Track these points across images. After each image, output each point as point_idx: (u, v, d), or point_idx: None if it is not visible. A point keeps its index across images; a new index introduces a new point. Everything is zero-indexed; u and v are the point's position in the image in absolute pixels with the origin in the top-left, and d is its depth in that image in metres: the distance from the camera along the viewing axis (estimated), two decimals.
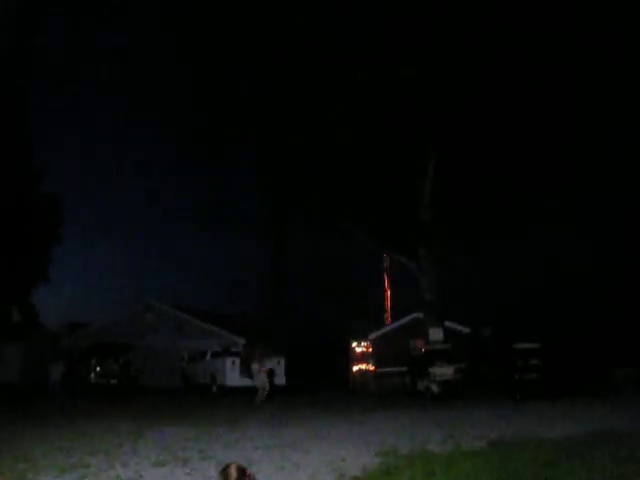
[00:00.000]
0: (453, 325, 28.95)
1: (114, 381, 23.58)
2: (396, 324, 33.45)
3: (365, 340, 34.58)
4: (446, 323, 24.68)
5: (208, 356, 24.75)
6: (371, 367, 32.97)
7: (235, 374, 22.52)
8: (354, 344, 35.00)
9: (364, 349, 34.62)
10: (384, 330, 33.79)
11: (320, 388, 25.89)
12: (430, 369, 20.21)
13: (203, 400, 20.51)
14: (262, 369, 20.40)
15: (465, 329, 31.77)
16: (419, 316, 26.05)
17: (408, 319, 31.96)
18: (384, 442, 10.09)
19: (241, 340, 31.16)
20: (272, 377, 20.74)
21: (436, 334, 23.05)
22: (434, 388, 19.78)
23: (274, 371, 21.16)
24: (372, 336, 33.89)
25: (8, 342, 30.48)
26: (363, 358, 34.37)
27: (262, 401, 19.26)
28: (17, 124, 34.75)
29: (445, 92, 20.69)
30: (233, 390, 22.13)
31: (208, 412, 16.61)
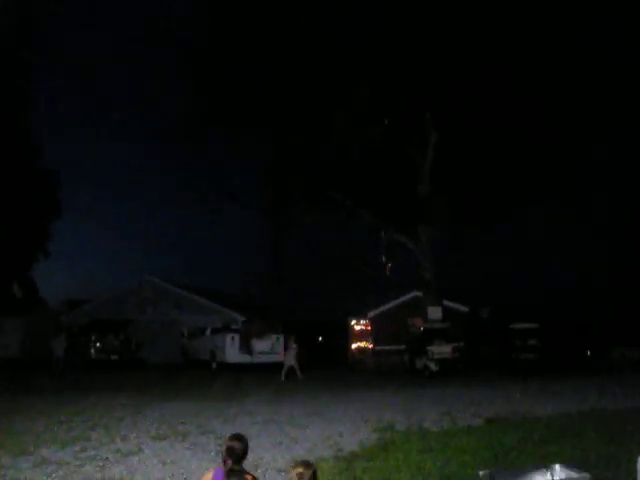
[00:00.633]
0: (452, 304, 29.06)
1: (114, 357, 23.74)
2: (395, 302, 33.47)
3: (364, 318, 34.71)
4: (445, 302, 24.76)
5: (208, 332, 24.89)
6: (370, 345, 33.13)
7: (235, 350, 22.67)
8: (353, 322, 35.13)
9: (363, 327, 34.77)
10: (383, 308, 33.82)
11: (319, 365, 26.09)
12: (428, 347, 20.33)
13: (202, 376, 20.67)
14: (291, 347, 20.22)
15: (464, 308, 31.90)
16: (418, 294, 26.12)
17: (407, 297, 32.03)
18: (381, 419, 10.20)
19: (240, 317, 31.33)
20: (298, 355, 20.53)
21: (435, 313, 23.14)
22: (432, 366, 19.91)
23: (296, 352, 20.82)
24: (371, 314, 34.00)
25: (8, 317, 30.64)
26: (362, 336, 34.52)
27: (283, 378, 19.09)
28: (16, 99, 34.57)
29: (445, 71, 20.51)
30: (232, 366, 22.29)
31: (207, 388, 16.76)
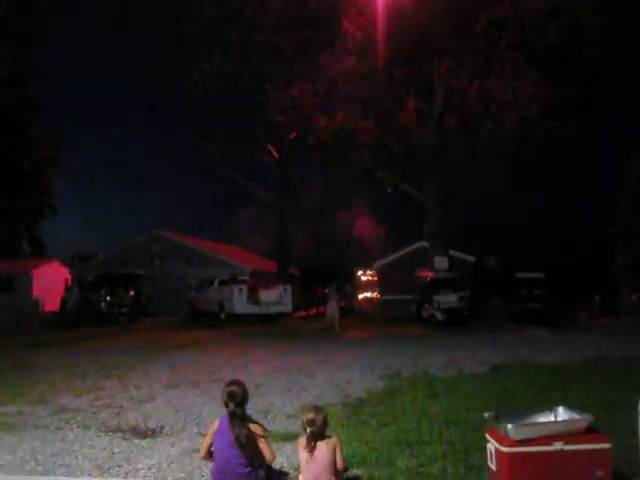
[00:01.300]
0: (458, 254, 29.14)
1: (124, 310, 24.09)
2: (401, 252, 33.56)
3: (370, 268, 34.90)
4: (451, 252, 24.80)
5: (216, 284, 25.14)
6: (376, 295, 33.43)
7: (242, 302, 22.93)
8: (360, 272, 35.37)
9: (370, 277, 35.02)
10: (390, 258, 33.94)
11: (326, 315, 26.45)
12: (435, 297, 20.48)
13: (212, 327, 21.02)
14: (333, 298, 20.10)
15: (470, 258, 32.02)
16: (425, 245, 26.16)
17: (414, 247, 32.11)
18: (388, 366, 10.38)
19: (248, 268, 31.60)
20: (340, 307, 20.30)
21: (441, 262, 23.20)
22: (438, 315, 20.09)
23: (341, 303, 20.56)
24: (377, 264, 34.16)
25: (20, 273, 31.01)
26: (369, 286, 34.83)
27: (336, 329, 18.99)
28: (16, 54, 34.19)
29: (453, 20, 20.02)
30: (241, 317, 22.62)
31: (216, 338, 17.07)
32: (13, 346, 15.50)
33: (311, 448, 4.04)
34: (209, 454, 4.27)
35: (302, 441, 4.13)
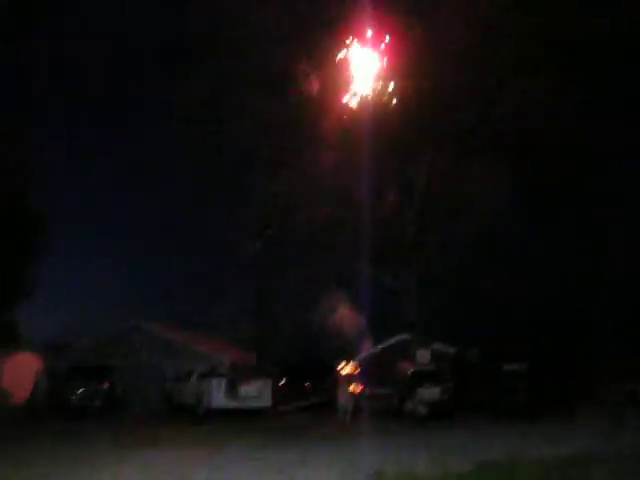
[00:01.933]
0: (440, 346, 29.02)
1: (97, 403, 23.27)
2: (383, 345, 33.47)
3: (352, 361, 34.46)
4: (433, 344, 24.71)
5: (194, 377, 24.53)
6: (358, 388, 32.79)
7: (221, 395, 22.30)
8: (341, 365, 34.84)
9: (351, 370, 34.49)
10: (372, 351, 33.77)
11: (307, 409, 25.74)
12: (417, 390, 20.18)
13: (188, 422, 20.28)
14: (343, 387, 19.49)
15: (452, 349, 31.83)
16: (406, 337, 26.08)
17: (395, 340, 32.02)
18: (371, 465, 10.04)
19: (227, 361, 30.95)
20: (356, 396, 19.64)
21: (423, 356, 23.09)
22: (421, 409, 19.73)
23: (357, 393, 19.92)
24: (359, 357, 33.85)
25: None
26: (349, 379, 34.21)
27: (347, 421, 18.38)
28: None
29: (439, 115, 20.98)
30: (219, 412, 21.91)
31: (193, 434, 16.46)
32: None
33: None
34: None
35: None
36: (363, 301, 29.13)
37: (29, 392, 24.50)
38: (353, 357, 33.98)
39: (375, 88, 20.85)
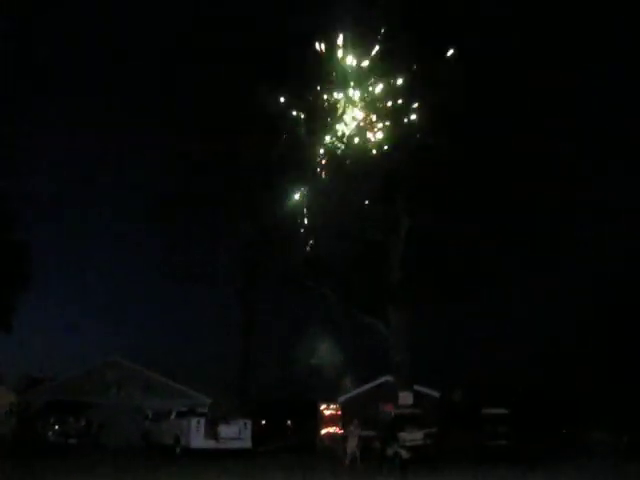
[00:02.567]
0: (423, 389, 28.83)
1: (73, 440, 22.69)
2: (365, 387, 33.18)
3: (334, 403, 34.11)
4: (416, 387, 24.54)
5: (173, 416, 24.07)
6: (339, 431, 32.37)
7: (200, 436, 21.85)
8: (323, 406, 34.47)
9: (333, 412, 34.09)
10: (353, 393, 33.46)
11: (287, 451, 25.28)
12: (399, 434, 19.93)
13: (166, 462, 19.81)
14: (354, 432, 19.05)
15: (435, 393, 31.65)
16: (389, 379, 25.90)
17: (378, 382, 31.78)
18: None
19: (208, 400, 30.49)
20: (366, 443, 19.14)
21: (406, 398, 22.87)
22: (403, 453, 19.43)
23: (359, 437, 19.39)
24: (341, 399, 33.52)
25: None
26: (332, 421, 33.79)
27: (357, 466, 17.97)
28: None
29: (419, 164, 21.32)
30: (197, 452, 21.44)
31: (171, 475, 16.07)
32: None
33: None
34: None
35: None
36: (347, 342, 29.08)
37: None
38: (335, 398, 33.68)
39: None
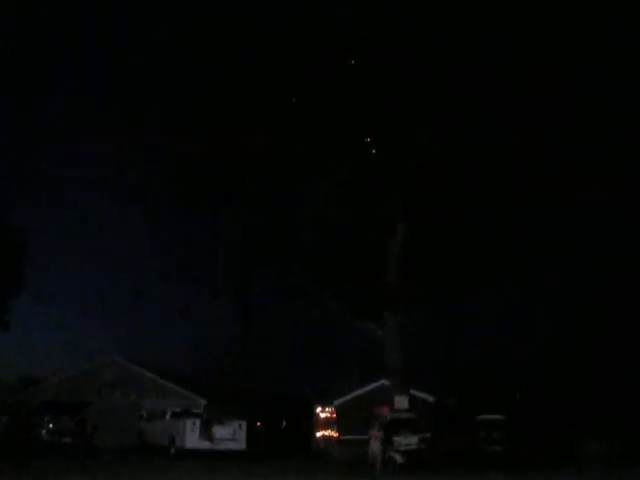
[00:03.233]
0: (419, 393, 28.80)
1: (67, 439, 22.68)
2: (361, 391, 33.15)
3: (330, 406, 34.11)
4: (412, 391, 24.52)
5: (168, 416, 24.06)
6: (335, 434, 32.37)
7: (194, 436, 21.86)
8: (318, 409, 34.47)
9: (328, 415, 34.10)
10: (349, 396, 33.42)
11: (283, 454, 25.22)
12: (394, 438, 19.91)
13: (160, 462, 19.78)
14: (375, 434, 18.92)
15: (430, 398, 31.63)
16: (385, 383, 25.88)
17: (373, 386, 31.76)
18: None
19: (203, 401, 30.45)
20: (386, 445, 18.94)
21: (401, 402, 22.84)
22: (398, 458, 19.41)
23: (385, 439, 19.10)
24: (337, 402, 33.49)
25: None
26: (327, 424, 33.79)
27: (377, 470, 17.77)
28: None
29: (416, 163, 21.30)
30: (192, 453, 21.43)
31: (165, 476, 16.04)
32: None
33: None
34: None
35: None
36: (342, 346, 29.04)
37: None
38: (331, 401, 33.67)
39: None
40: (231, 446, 22.35)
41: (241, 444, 22.66)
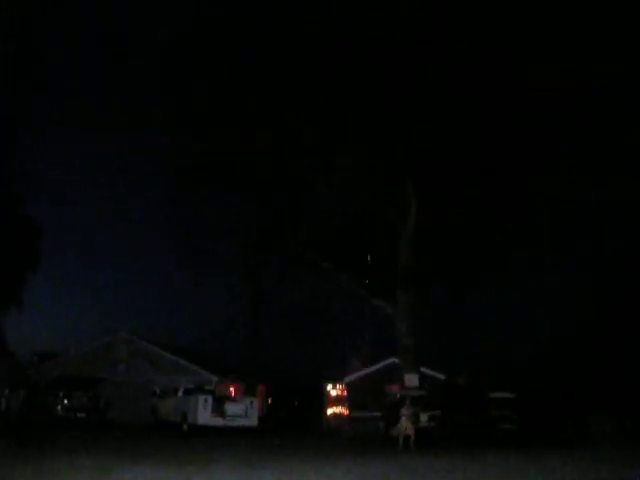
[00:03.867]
0: (429, 371, 28.86)
1: (81, 415, 22.98)
2: (372, 368, 33.27)
3: (340, 383, 34.24)
4: (422, 369, 24.57)
5: (180, 393, 24.28)
6: (345, 411, 32.54)
7: (207, 413, 22.04)
8: (329, 387, 34.63)
9: (339, 392, 34.25)
10: (360, 374, 33.56)
11: (293, 430, 25.47)
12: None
13: (173, 438, 20.02)
14: (406, 413, 18.98)
15: (440, 375, 31.67)
16: (395, 361, 25.94)
17: (384, 363, 31.84)
18: None
19: (215, 378, 30.71)
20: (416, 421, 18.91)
21: (412, 380, 22.90)
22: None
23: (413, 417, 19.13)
24: (347, 379, 33.64)
25: None
26: (338, 401, 33.97)
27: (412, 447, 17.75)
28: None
29: (427, 139, 21.03)
30: (204, 429, 21.65)
31: (177, 451, 16.21)
32: None
33: None
34: None
35: None
36: (355, 323, 29.04)
37: (5, 401, 24.10)
38: (341, 379, 33.79)
39: None
40: (243, 423, 22.52)
41: (253, 421, 22.83)
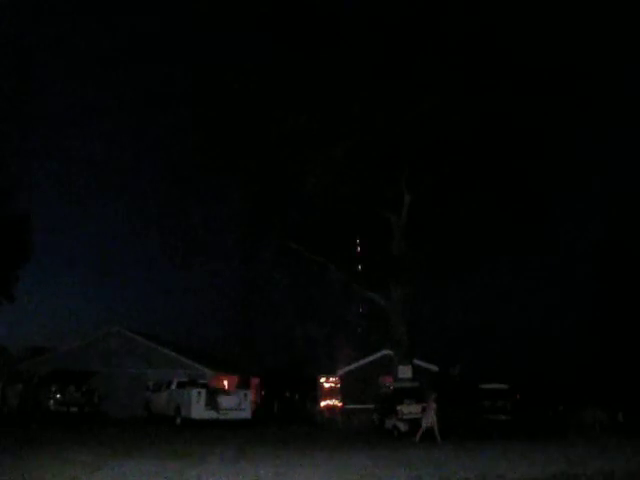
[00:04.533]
0: (422, 363, 28.99)
1: (74, 409, 22.91)
2: (365, 360, 33.38)
3: (334, 375, 34.33)
4: (415, 361, 24.65)
5: (173, 386, 24.25)
6: (339, 403, 32.65)
7: (200, 406, 22.03)
8: (322, 379, 34.70)
9: (332, 384, 34.34)
10: (353, 366, 33.66)
11: (287, 423, 25.52)
12: (398, 407, 20.10)
13: (166, 431, 20.01)
14: (432, 406, 18.57)
15: (434, 367, 31.83)
16: (388, 353, 26.00)
17: (377, 356, 31.95)
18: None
19: (208, 371, 30.70)
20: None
21: (405, 372, 22.99)
22: (401, 426, 19.63)
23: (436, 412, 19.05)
24: (341, 372, 33.74)
25: None
26: (331, 393, 34.06)
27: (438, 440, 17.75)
28: None
29: (420, 132, 20.96)
30: (198, 422, 21.65)
31: (171, 445, 16.19)
32: None
33: None
34: None
35: None
36: (348, 315, 29.07)
37: (4, 396, 24.02)
38: (334, 371, 33.88)
39: None
40: (237, 415, 22.54)
41: (247, 413, 22.86)
